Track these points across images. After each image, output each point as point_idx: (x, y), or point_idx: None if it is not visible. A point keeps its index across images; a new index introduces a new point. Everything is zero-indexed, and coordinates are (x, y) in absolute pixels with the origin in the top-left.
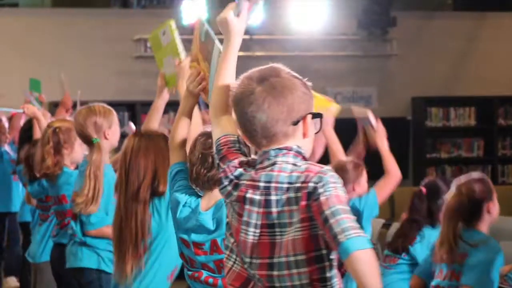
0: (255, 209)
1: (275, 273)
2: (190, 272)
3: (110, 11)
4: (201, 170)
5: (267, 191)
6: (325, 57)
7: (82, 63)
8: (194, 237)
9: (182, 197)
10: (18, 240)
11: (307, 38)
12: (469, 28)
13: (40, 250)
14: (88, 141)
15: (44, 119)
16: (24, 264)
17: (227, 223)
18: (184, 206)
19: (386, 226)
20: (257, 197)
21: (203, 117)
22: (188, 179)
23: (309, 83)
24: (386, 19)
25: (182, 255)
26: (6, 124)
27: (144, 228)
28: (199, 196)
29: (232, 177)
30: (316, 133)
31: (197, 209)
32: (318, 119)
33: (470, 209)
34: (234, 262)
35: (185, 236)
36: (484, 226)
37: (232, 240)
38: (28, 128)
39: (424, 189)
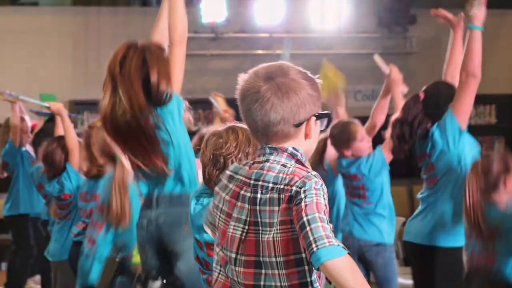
0: (246, 205)
1: (260, 271)
2: (205, 276)
3: (131, 10)
4: (213, 171)
5: (255, 188)
6: (345, 55)
7: (102, 61)
8: (206, 236)
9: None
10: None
11: (327, 36)
12: (488, 25)
13: (59, 249)
14: (111, 157)
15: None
16: (45, 263)
17: (218, 234)
18: (196, 203)
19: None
20: (248, 194)
21: (221, 117)
22: None
23: (319, 81)
24: (406, 17)
25: (197, 258)
26: (29, 124)
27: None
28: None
29: (228, 172)
30: (321, 132)
31: (208, 206)
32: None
33: (487, 183)
34: (219, 273)
35: (197, 236)
36: (502, 200)
37: (218, 249)
38: (43, 128)
39: (422, 95)
